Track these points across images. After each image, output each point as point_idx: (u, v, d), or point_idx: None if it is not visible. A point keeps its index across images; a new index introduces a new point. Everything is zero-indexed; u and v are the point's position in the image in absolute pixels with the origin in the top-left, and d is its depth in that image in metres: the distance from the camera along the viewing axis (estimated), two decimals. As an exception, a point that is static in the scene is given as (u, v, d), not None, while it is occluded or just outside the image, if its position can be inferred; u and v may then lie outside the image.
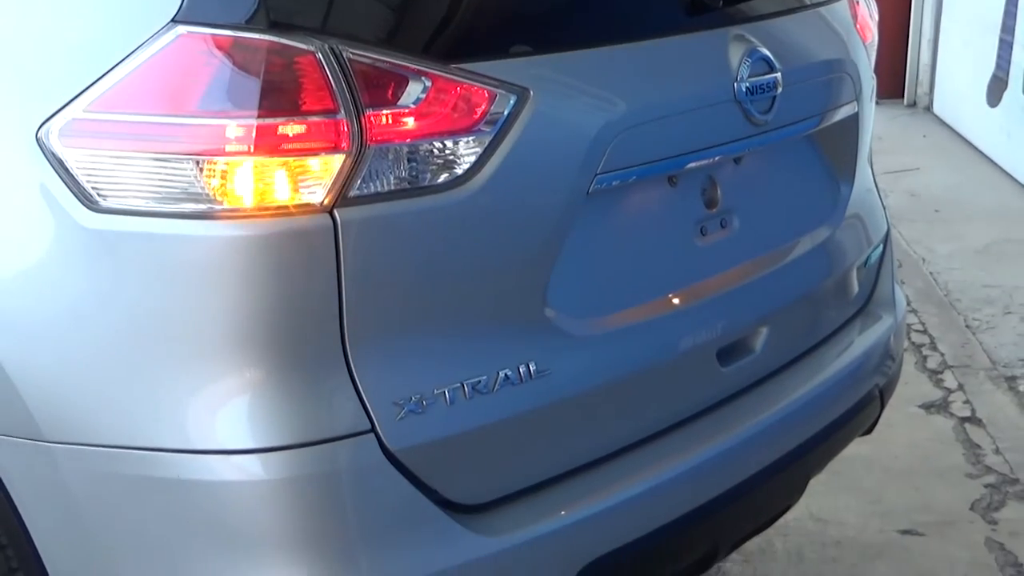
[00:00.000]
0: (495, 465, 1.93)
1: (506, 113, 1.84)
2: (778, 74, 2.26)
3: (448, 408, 1.83)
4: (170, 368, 1.73)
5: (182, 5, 1.69)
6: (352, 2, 1.82)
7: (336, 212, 1.71)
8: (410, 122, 1.76)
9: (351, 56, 1.72)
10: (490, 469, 1.93)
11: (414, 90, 1.77)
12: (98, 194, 1.72)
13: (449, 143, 1.80)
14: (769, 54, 2.25)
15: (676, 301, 2.20)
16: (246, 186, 1.68)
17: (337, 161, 1.70)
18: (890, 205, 3.42)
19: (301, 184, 1.70)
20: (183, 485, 1.73)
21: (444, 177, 1.80)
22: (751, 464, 2.25)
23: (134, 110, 1.71)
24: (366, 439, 1.77)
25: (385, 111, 1.75)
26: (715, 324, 2.26)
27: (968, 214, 6.32)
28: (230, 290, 1.70)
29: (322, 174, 1.70)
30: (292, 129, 1.69)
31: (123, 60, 1.70)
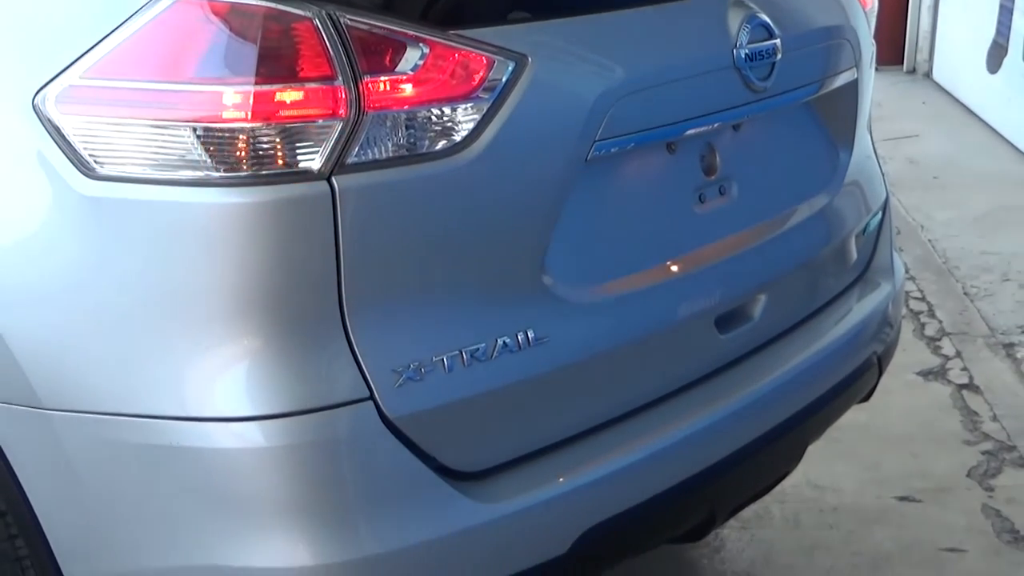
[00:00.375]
0: (493, 432, 1.94)
1: (504, 80, 1.83)
2: (777, 40, 2.25)
3: (446, 375, 1.83)
4: (168, 335, 1.72)
5: (178, -29, 1.68)
6: (349, -32, 1.82)
7: (334, 179, 1.70)
8: (408, 89, 1.76)
9: (348, 22, 1.71)
10: (488, 436, 1.93)
11: (412, 57, 1.76)
12: (95, 161, 1.71)
13: (447, 110, 1.79)
14: (768, 20, 2.24)
15: (674, 268, 2.20)
16: (243, 153, 1.68)
17: (335, 128, 1.70)
18: (889, 172, 3.42)
19: (299, 151, 1.69)
20: (182, 452, 1.74)
21: (442, 144, 1.79)
22: (749, 431, 2.26)
23: (131, 77, 1.70)
24: (364, 407, 1.77)
25: (383, 78, 1.74)
26: (713, 291, 2.25)
27: (967, 181, 6.31)
28: (228, 257, 1.69)
29: (320, 141, 1.69)
30: (289, 96, 1.68)
31: (120, 26, 1.70)
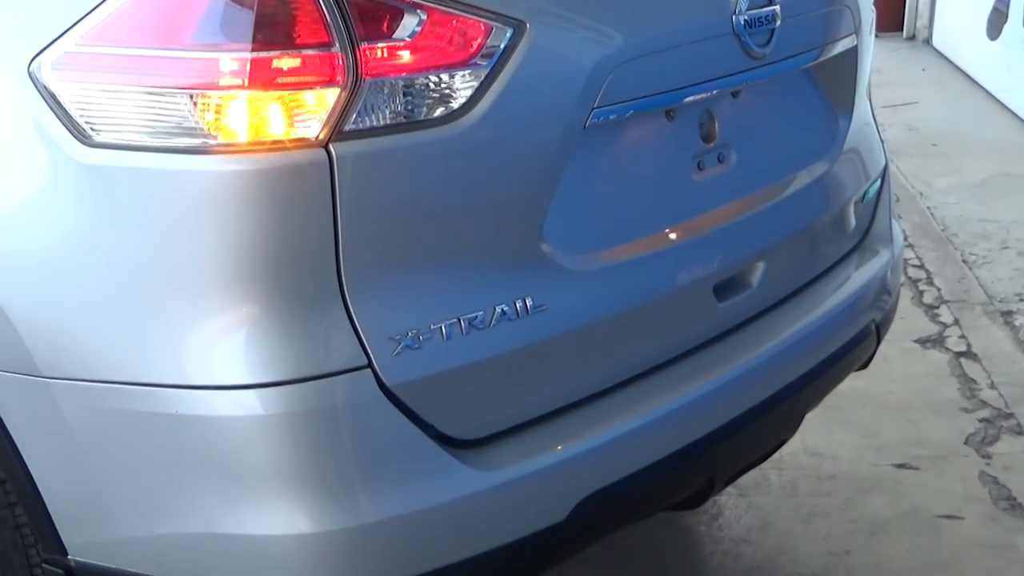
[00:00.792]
0: (492, 400, 1.94)
1: (502, 46, 1.82)
2: (777, 7, 2.24)
3: (444, 343, 1.83)
4: (166, 303, 1.72)
5: (174, -64, 1.67)
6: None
7: (331, 146, 1.70)
8: (405, 55, 1.75)
9: (346, -12, 1.70)
10: (487, 404, 1.93)
11: (409, 23, 1.75)
12: (92, 128, 1.71)
13: (445, 77, 1.78)
14: (768, -14, 2.22)
15: (673, 236, 2.19)
16: (240, 120, 1.67)
17: (332, 95, 1.69)
18: (888, 139, 3.41)
19: (296, 118, 1.68)
20: (180, 420, 1.74)
21: (440, 111, 1.78)
22: (747, 399, 2.26)
23: (127, 43, 1.70)
24: (363, 374, 1.77)
25: (380, 44, 1.73)
26: (712, 259, 2.25)
27: (966, 148, 6.30)
28: (225, 225, 1.69)
29: (317, 108, 1.69)
30: (287, 63, 1.68)
31: (115, -8, 1.69)
